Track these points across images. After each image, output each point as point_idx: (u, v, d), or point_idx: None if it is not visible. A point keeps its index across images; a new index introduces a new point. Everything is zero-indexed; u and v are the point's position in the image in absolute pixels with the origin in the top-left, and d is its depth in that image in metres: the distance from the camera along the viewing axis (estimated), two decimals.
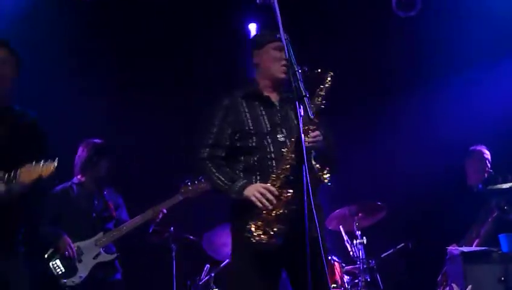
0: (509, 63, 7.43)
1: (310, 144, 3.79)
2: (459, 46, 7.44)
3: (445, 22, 7.44)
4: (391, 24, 7.62)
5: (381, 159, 7.46)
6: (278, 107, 4.10)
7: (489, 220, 6.24)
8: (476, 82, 7.52)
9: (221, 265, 6.08)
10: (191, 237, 6.32)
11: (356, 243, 6.28)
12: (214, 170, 4.00)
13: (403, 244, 6.63)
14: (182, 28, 7.46)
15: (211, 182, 4.03)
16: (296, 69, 3.30)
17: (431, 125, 7.53)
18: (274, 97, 4.14)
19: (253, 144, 3.97)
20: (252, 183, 3.89)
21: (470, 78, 7.47)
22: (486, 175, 6.53)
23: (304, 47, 4.25)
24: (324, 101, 3.97)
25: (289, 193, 3.75)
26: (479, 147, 6.68)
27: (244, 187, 3.86)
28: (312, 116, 3.26)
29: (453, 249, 6.08)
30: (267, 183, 3.81)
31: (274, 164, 3.90)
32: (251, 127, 3.99)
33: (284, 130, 3.99)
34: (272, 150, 3.93)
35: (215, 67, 7.61)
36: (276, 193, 3.75)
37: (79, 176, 6.10)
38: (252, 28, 7.82)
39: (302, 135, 3.24)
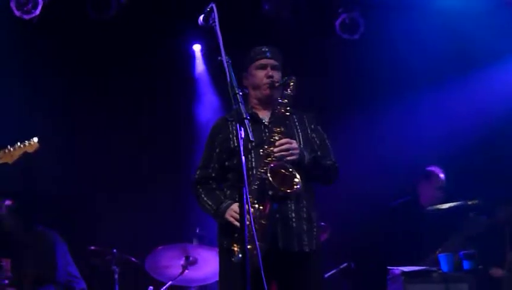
0: (451, 84, 7.58)
1: (278, 154, 3.88)
2: (401, 69, 7.57)
3: (388, 44, 7.56)
4: (335, 47, 7.71)
5: None
6: (265, 123, 4.16)
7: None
8: (419, 103, 7.65)
9: (164, 287, 6.02)
10: (134, 259, 6.25)
11: None
12: (202, 195, 4.14)
13: (345, 264, 6.69)
14: (127, 46, 7.42)
15: (202, 208, 4.15)
16: (237, 92, 3.32)
17: (372, 146, 7.61)
18: (263, 114, 4.21)
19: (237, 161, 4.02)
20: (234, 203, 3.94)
21: (413, 99, 7.59)
22: (439, 197, 6.66)
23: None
24: (288, 108, 4.07)
25: (261, 206, 3.82)
26: (437, 171, 6.80)
27: (226, 210, 3.95)
28: (252, 139, 3.26)
29: (394, 268, 6.14)
30: None
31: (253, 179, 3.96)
32: (236, 145, 4.02)
33: (265, 146, 4.02)
34: (254, 165, 3.98)
35: (160, 87, 7.60)
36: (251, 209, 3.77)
37: None
38: (197, 48, 7.85)
39: (243, 157, 3.24)
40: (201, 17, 3.52)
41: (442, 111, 7.72)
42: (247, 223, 3.19)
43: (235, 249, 3.81)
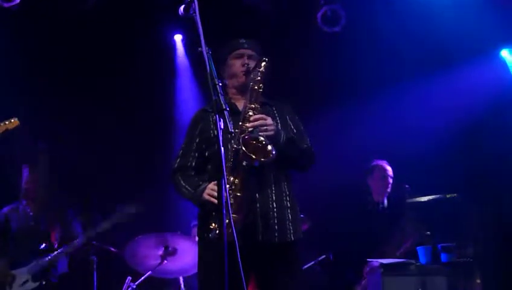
0: (433, 78, 7.62)
1: (251, 128, 3.89)
2: (383, 62, 7.59)
3: (370, 37, 7.57)
4: (316, 39, 7.71)
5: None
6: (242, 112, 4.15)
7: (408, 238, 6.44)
8: (401, 96, 7.67)
9: (143, 277, 6.03)
10: (112, 249, 6.25)
11: None
12: (181, 182, 4.13)
13: (324, 256, 6.72)
14: (108, 35, 7.39)
15: (180, 193, 4.14)
16: (217, 83, 3.32)
17: (354, 139, 7.63)
18: (241, 104, 4.20)
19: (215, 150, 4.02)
20: None
21: (395, 92, 7.61)
22: (389, 190, 6.73)
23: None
24: (261, 85, 4.07)
25: (236, 179, 3.82)
26: (380, 162, 6.87)
27: (203, 191, 3.95)
28: (231, 130, 3.29)
29: (374, 260, 6.18)
30: None
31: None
32: (215, 134, 4.00)
33: (240, 123, 4.01)
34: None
35: (140, 77, 7.57)
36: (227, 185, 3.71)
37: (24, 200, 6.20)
38: (178, 38, 7.82)
39: (222, 148, 3.24)
40: (181, 8, 3.51)
41: (425, 104, 7.75)
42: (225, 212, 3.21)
43: (212, 226, 3.82)
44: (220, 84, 3.34)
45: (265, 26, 7.37)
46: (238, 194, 3.82)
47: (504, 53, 8.01)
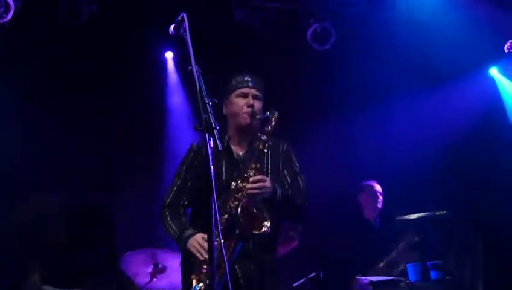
0: (423, 94, 7.65)
1: (250, 191, 3.80)
2: (372, 79, 7.62)
3: (359, 55, 7.60)
4: (306, 57, 7.73)
5: None
6: (240, 160, 4.08)
7: (394, 253, 6.44)
8: (390, 113, 7.71)
9: None
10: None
11: None
12: (168, 218, 4.06)
13: (314, 273, 6.71)
14: (99, 53, 7.39)
15: (165, 230, 4.08)
16: (207, 102, 3.31)
17: (343, 156, 7.66)
18: (237, 149, 4.12)
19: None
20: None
21: (384, 109, 7.66)
22: (380, 208, 6.83)
23: (217, 79, 4.29)
24: (267, 145, 3.96)
25: (226, 243, 3.71)
26: (369, 182, 6.96)
27: (188, 238, 3.88)
28: (221, 148, 3.23)
29: (363, 278, 6.18)
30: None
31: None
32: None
33: (239, 180, 3.91)
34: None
35: (132, 95, 7.57)
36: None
37: None
38: (169, 56, 7.83)
39: (212, 167, 3.21)
40: (172, 27, 3.50)
41: (415, 121, 7.78)
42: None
43: (194, 281, 3.78)
44: (210, 102, 3.34)
45: (255, 43, 7.38)
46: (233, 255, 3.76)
47: (493, 71, 8.08)
